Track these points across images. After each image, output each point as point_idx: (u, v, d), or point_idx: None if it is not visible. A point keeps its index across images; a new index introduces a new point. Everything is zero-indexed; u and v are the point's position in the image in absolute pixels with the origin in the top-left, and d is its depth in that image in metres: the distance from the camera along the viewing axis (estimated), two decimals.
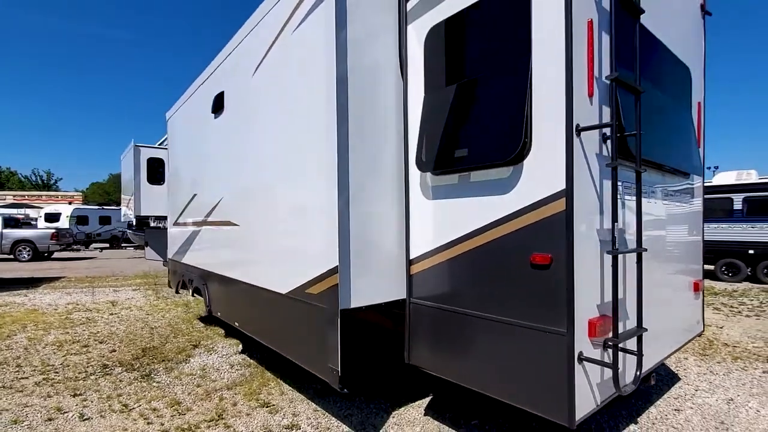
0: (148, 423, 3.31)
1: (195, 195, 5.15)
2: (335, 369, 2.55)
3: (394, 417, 3.38)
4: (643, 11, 2.23)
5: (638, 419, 3.35)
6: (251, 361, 4.69)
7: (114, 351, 5.15)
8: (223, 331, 5.96)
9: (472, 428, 3.17)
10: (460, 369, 2.54)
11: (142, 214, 8.90)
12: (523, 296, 2.18)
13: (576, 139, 2.02)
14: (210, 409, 3.54)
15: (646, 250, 2.30)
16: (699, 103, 3.60)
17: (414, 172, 2.83)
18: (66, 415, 3.46)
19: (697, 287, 3.50)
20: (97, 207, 27.97)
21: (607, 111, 2.24)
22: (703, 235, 3.69)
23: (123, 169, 10.37)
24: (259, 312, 3.57)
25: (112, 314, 7.22)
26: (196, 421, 3.31)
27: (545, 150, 2.08)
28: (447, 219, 2.61)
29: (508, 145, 2.18)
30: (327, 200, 2.58)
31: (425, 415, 3.41)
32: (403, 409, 3.52)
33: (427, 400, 3.68)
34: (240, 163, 3.80)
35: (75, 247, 22.50)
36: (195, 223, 5.10)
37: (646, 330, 2.24)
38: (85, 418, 3.39)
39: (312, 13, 2.73)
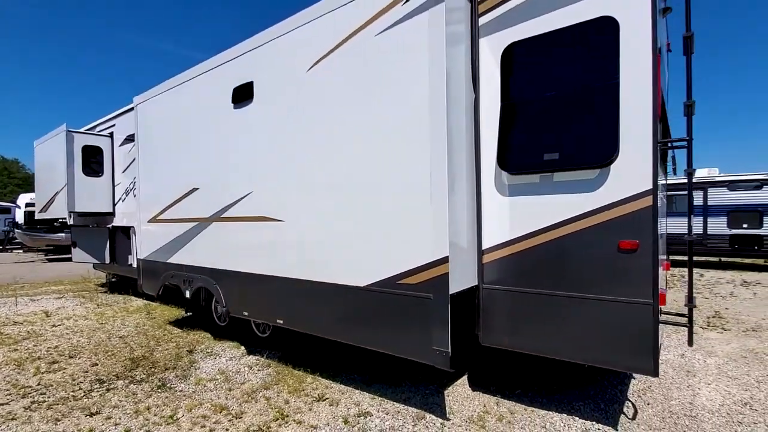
0: (210, 431, 3.13)
1: (195, 189, 4.77)
2: (444, 351, 2.77)
3: (448, 396, 3.67)
4: (693, 52, 2.86)
5: (632, 374, 4.13)
6: (268, 361, 4.57)
7: (96, 365, 4.57)
8: (209, 335, 5.61)
9: (519, 396, 3.61)
10: (544, 343, 2.95)
11: (77, 210, 7.72)
12: (610, 276, 2.66)
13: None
14: (264, 409, 3.45)
15: (695, 237, 2.95)
16: None
17: (488, 171, 3.15)
18: None
19: (667, 267, 4.41)
20: None
21: (658, 127, 2.82)
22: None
23: (39, 159, 8.80)
24: (322, 307, 3.55)
25: (54, 326, 6.24)
26: (263, 422, 3.22)
27: (633, 156, 2.56)
28: (526, 213, 2.99)
29: (601, 151, 2.64)
30: (435, 194, 2.77)
31: (474, 390, 3.77)
32: (451, 388, 3.83)
33: (465, 378, 4.05)
34: (291, 157, 3.69)
35: None
36: (197, 219, 4.73)
37: (695, 297, 2.89)
38: None
39: (410, 20, 2.86)
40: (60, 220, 15.49)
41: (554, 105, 2.85)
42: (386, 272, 3.08)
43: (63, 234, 16.11)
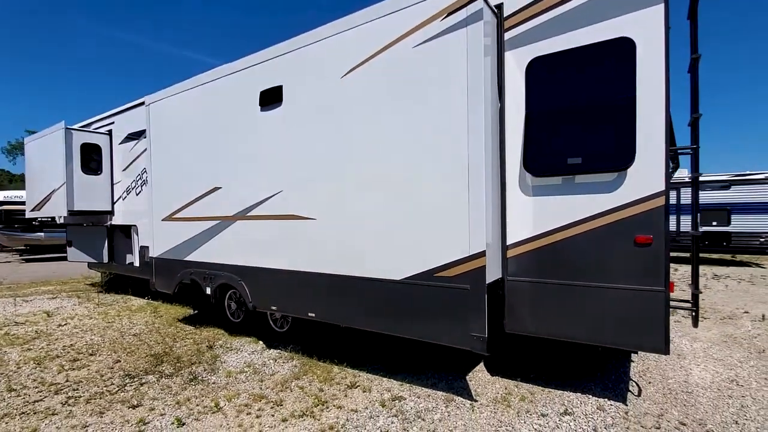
0: (257, 417, 3.31)
1: (217, 188, 4.88)
2: (482, 336, 3.05)
3: (471, 381, 3.96)
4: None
5: (632, 356, 4.53)
6: (291, 354, 4.74)
7: (118, 361, 4.63)
8: (222, 331, 5.72)
9: (535, 379, 3.94)
10: (565, 329, 3.27)
11: (76, 208, 7.61)
12: (627, 267, 3.00)
13: None
14: (301, 397, 3.64)
15: (702, 233, 3.34)
16: None
17: (512, 173, 3.45)
18: (155, 423, 3.22)
19: None
20: None
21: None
22: None
23: (32, 156, 8.57)
24: (356, 300, 3.76)
25: (61, 326, 6.20)
26: (305, 407, 3.42)
27: (648, 161, 2.90)
28: (549, 211, 3.30)
29: (620, 157, 2.97)
30: (473, 193, 3.05)
31: (492, 376, 4.07)
32: (471, 373, 4.13)
33: (481, 364, 4.35)
34: (323, 158, 3.86)
35: None
36: (219, 218, 4.84)
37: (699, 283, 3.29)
38: (182, 423, 3.22)
39: (449, 35, 3.11)
40: (40, 219, 15.00)
41: (576, 114, 3.17)
42: (422, 266, 3.33)
43: (42, 233, 15.60)
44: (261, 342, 5.20)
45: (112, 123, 8.10)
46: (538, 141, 3.31)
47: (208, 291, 5.12)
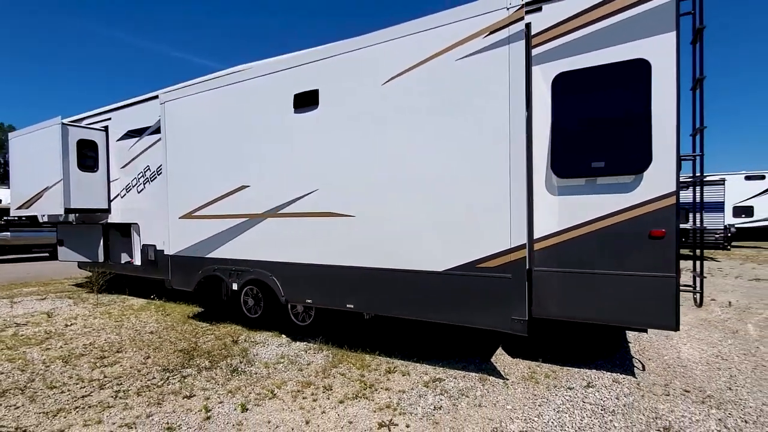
0: (314, 400, 3.54)
1: (245, 186, 5.01)
2: (522, 319, 3.43)
3: (497, 364, 4.36)
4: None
5: (628, 338, 5.09)
6: (319, 345, 4.95)
7: (149, 357, 4.69)
8: (239, 327, 5.84)
9: (553, 360, 4.39)
10: (586, 311, 3.71)
11: (73, 206, 7.41)
12: (642, 257, 3.47)
13: None
14: (346, 383, 3.90)
15: (706, 228, 3.88)
16: None
17: (539, 175, 3.87)
18: (218, 410, 3.39)
19: None
20: None
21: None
22: None
23: (19, 152, 8.20)
24: (398, 291, 4.05)
25: (68, 326, 6.08)
26: (356, 390, 3.69)
27: (662, 166, 3.38)
28: (573, 209, 3.73)
29: (639, 162, 3.44)
30: (514, 192, 3.42)
31: (514, 358, 4.49)
32: (494, 357, 4.53)
33: (500, 349, 4.77)
34: (364, 158, 4.10)
35: None
36: (247, 215, 4.98)
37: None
38: (246, 408, 3.40)
39: (491, 51, 3.47)
40: (5, 218, 14.24)
41: (599, 123, 3.61)
42: (465, 259, 3.68)
43: (8, 233, 14.73)
44: (284, 336, 5.38)
45: (109, 119, 7.93)
46: (564, 147, 3.73)
47: (235, 287, 5.24)
